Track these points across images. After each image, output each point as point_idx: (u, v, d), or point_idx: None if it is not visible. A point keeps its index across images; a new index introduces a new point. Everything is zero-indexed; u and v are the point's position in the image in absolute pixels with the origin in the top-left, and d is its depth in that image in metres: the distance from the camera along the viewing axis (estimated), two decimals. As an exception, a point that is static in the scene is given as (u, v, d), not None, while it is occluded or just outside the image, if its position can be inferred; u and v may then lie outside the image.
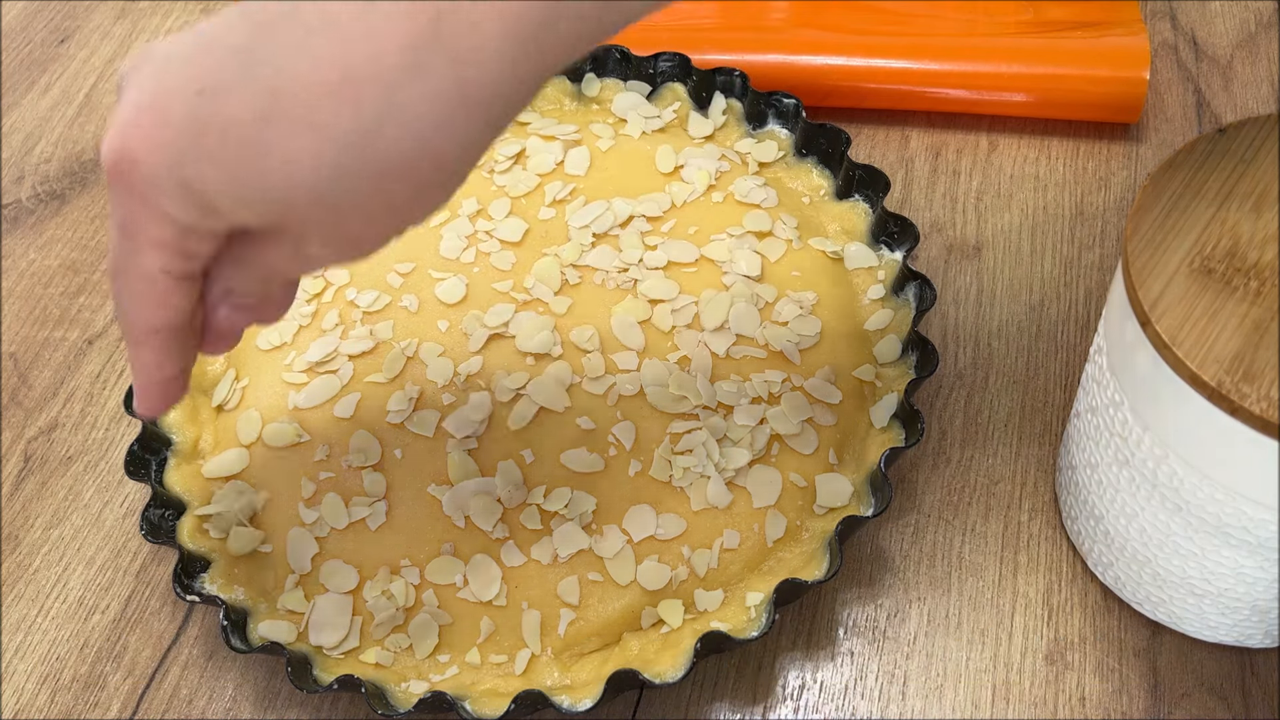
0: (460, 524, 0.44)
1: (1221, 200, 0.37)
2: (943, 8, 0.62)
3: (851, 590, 0.46)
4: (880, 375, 0.48)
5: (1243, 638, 0.42)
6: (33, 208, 0.61)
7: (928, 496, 0.48)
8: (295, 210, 0.30)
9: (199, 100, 0.29)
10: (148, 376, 0.35)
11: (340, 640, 0.42)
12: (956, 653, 0.44)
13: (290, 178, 0.29)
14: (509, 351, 0.47)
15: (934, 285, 0.48)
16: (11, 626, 0.47)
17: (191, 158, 0.29)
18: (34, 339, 0.55)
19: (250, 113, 0.29)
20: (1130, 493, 0.40)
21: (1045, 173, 0.58)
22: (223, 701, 0.44)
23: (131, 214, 0.31)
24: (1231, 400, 0.33)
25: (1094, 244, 0.55)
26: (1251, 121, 0.39)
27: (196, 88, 0.29)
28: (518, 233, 0.51)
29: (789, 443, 0.45)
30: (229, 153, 0.29)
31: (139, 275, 0.32)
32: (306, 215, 0.30)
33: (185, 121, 0.29)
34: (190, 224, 0.31)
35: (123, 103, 0.31)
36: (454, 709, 0.40)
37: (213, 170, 0.29)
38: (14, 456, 0.51)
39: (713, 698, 0.43)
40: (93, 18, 0.70)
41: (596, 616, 0.42)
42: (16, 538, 0.49)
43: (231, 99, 0.29)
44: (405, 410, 0.46)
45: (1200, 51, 0.62)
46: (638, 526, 0.43)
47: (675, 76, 0.56)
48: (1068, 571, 0.45)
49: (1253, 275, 0.35)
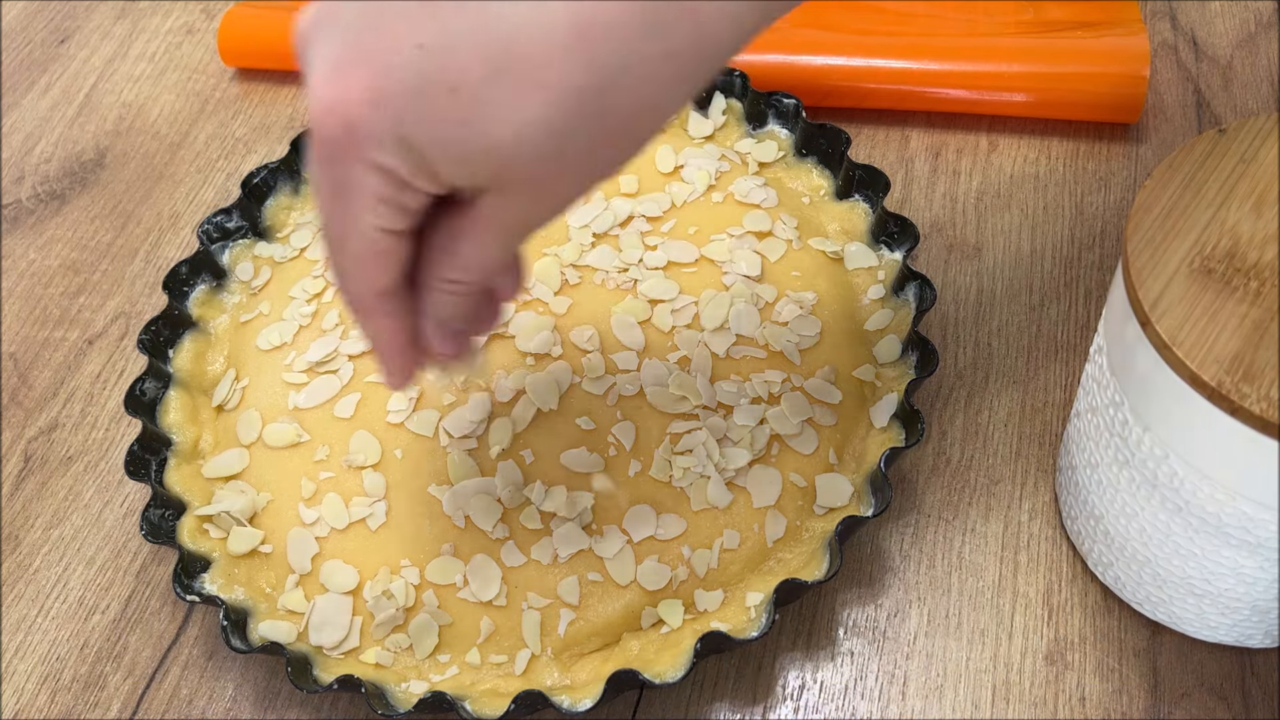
0: (460, 524, 0.44)
1: (1221, 200, 0.37)
2: (943, 8, 0.62)
3: (851, 590, 0.46)
4: (880, 375, 0.48)
5: (1243, 638, 0.42)
6: (33, 208, 0.61)
7: (928, 496, 0.48)
8: (516, 169, 0.30)
9: (421, 55, 0.28)
10: (388, 344, 0.35)
11: (340, 640, 0.42)
12: (956, 653, 0.44)
13: (518, 136, 0.29)
14: (509, 351, 0.47)
15: (934, 285, 0.48)
16: (11, 626, 0.47)
17: (414, 115, 0.29)
18: (34, 339, 0.55)
19: (480, 69, 0.28)
20: (1130, 493, 0.40)
21: (1045, 173, 0.58)
22: (223, 701, 0.44)
23: (346, 175, 0.30)
24: (1231, 400, 0.33)
25: (1094, 244, 0.55)
26: (1251, 121, 0.39)
27: (417, 41, 0.28)
28: (518, 233, 0.51)
29: (789, 443, 0.45)
30: (457, 111, 0.28)
31: (359, 236, 0.32)
32: (527, 173, 0.30)
33: (408, 77, 0.28)
34: (408, 179, 0.30)
35: (321, 60, 0.30)
36: (454, 709, 0.40)
37: (437, 129, 0.29)
38: (14, 456, 0.51)
39: (713, 698, 0.43)
40: (93, 18, 0.70)
41: (596, 616, 0.42)
42: (16, 538, 0.49)
43: (459, 55, 0.28)
44: (405, 410, 0.46)
45: (1200, 51, 0.62)
46: (638, 527, 0.43)
47: (675, 76, 0.56)
48: (1068, 571, 0.45)
49: (1253, 275, 0.35)
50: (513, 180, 0.30)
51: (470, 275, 0.34)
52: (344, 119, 0.29)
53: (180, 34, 0.69)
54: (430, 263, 0.34)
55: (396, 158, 0.30)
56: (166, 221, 0.60)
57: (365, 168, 0.30)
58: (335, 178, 0.31)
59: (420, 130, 0.29)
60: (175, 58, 0.67)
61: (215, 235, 0.53)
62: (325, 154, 0.30)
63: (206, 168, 0.62)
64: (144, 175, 0.62)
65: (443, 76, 0.28)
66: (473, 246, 0.33)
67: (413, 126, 0.29)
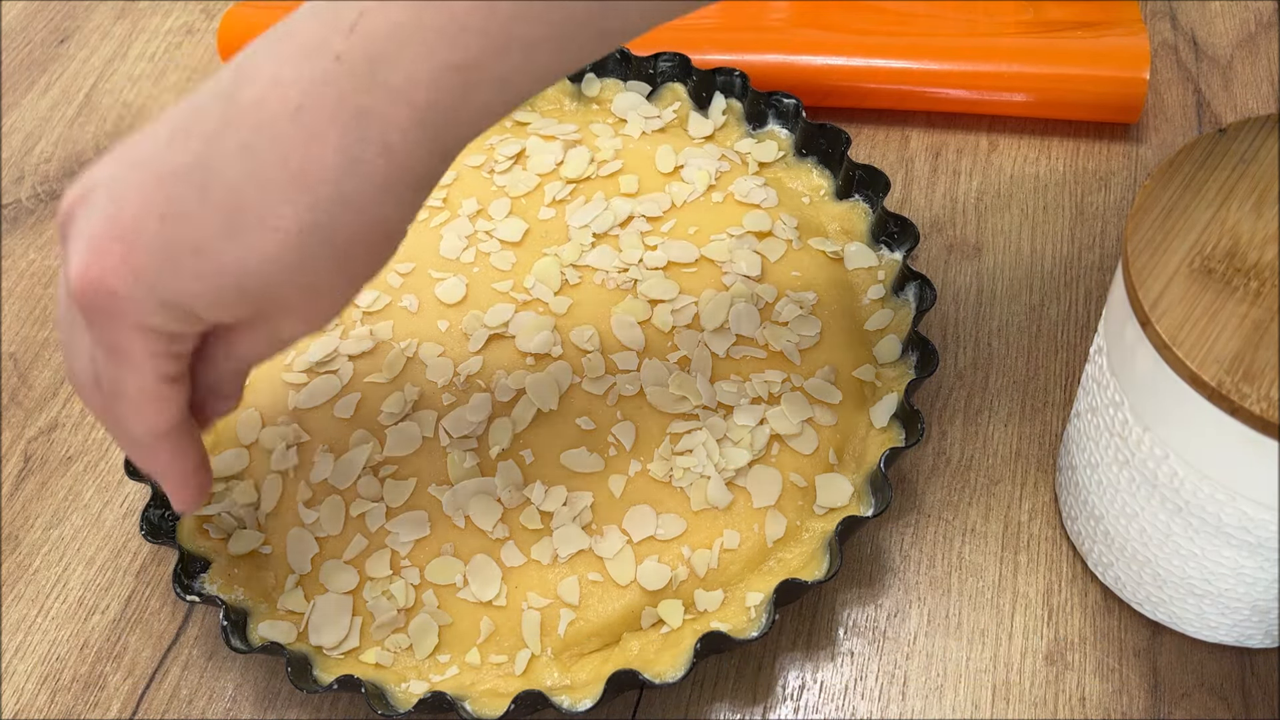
0: (460, 524, 0.44)
1: (1221, 200, 0.37)
2: (943, 8, 0.62)
3: (851, 590, 0.46)
4: (880, 375, 0.48)
5: (1243, 638, 0.42)
6: (33, 208, 0.61)
7: (928, 496, 0.48)
8: (271, 300, 0.33)
9: (163, 226, 0.32)
10: (177, 476, 0.38)
11: (340, 640, 0.42)
12: (956, 653, 0.44)
13: (264, 275, 0.32)
14: (509, 351, 0.47)
15: (934, 285, 0.48)
16: (11, 626, 0.47)
17: (168, 278, 0.32)
18: (34, 339, 0.55)
19: (216, 229, 0.32)
20: (1130, 493, 0.40)
21: (1045, 173, 0.58)
22: (223, 701, 0.44)
23: (117, 339, 0.33)
24: (1231, 400, 0.33)
25: (1094, 244, 0.55)
26: (1251, 121, 0.39)
27: (159, 213, 0.32)
28: (518, 233, 0.51)
29: (789, 443, 0.45)
30: (204, 266, 0.32)
31: (138, 391, 0.35)
32: (282, 302, 0.33)
33: (155, 247, 0.32)
34: (176, 332, 0.34)
35: (78, 235, 0.33)
36: (454, 709, 0.40)
37: (192, 284, 0.32)
38: (14, 456, 0.51)
39: (713, 698, 0.43)
40: (93, 18, 0.70)
41: (596, 616, 0.42)
42: (16, 538, 0.49)
43: (195, 220, 0.32)
44: (405, 410, 0.46)
45: (1200, 51, 0.62)
46: (638, 526, 0.43)
47: (675, 76, 0.56)
48: (1068, 571, 0.45)
49: (1253, 275, 0.35)
50: (272, 310, 0.34)
51: (239, 365, 0.37)
52: (105, 290, 0.32)
53: (180, 34, 0.69)
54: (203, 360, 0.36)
55: (161, 316, 0.33)
56: (166, 221, 0.60)
57: (135, 330, 0.33)
58: (107, 341, 0.34)
59: (177, 289, 0.32)
60: (175, 58, 0.67)
61: (215, 235, 0.53)
62: (93, 321, 0.33)
63: (206, 168, 0.62)
64: (144, 175, 0.62)
65: (185, 242, 0.32)
66: (243, 346, 0.36)
67: (171, 287, 0.32)
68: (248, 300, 0.33)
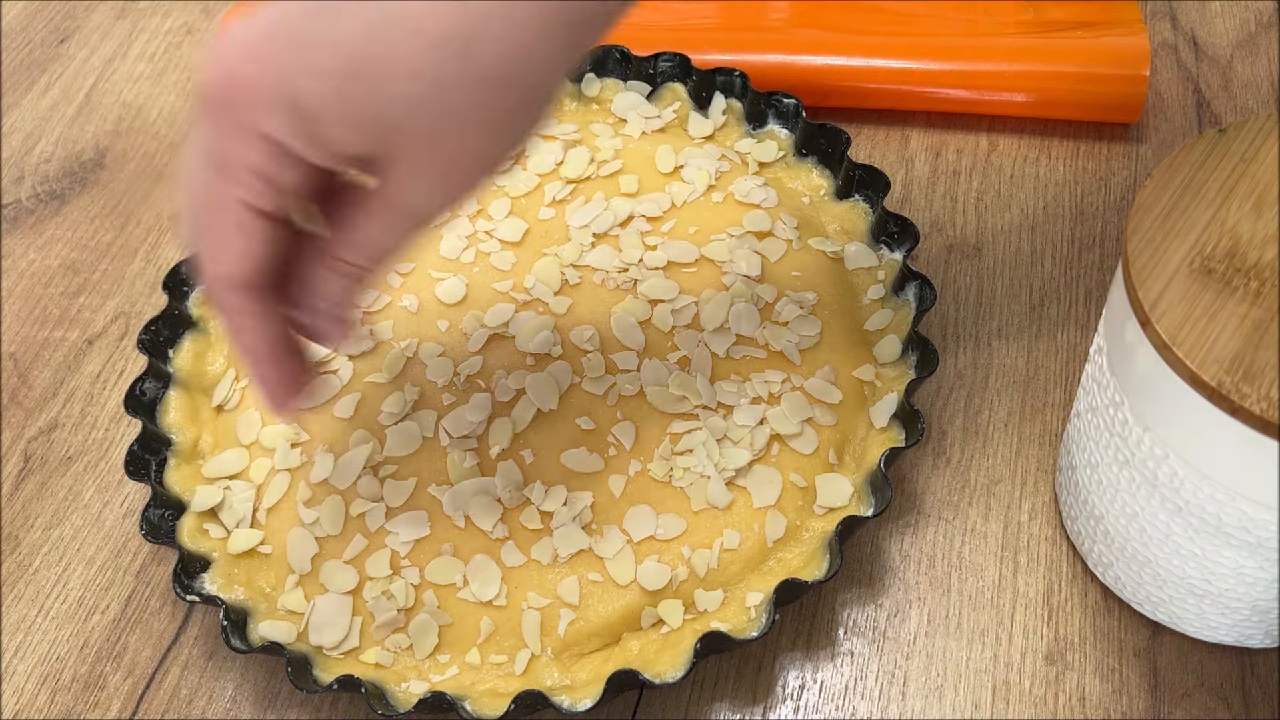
0: (460, 524, 0.44)
1: (1221, 200, 0.37)
2: (943, 8, 0.62)
3: (851, 590, 0.46)
4: (880, 375, 0.48)
5: (1243, 638, 0.42)
6: (33, 208, 0.61)
7: (928, 496, 0.48)
8: (397, 125, 0.30)
9: (305, 20, 0.30)
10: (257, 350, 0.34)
11: (340, 640, 0.42)
12: (956, 653, 0.44)
13: (394, 85, 0.30)
14: (509, 351, 0.47)
15: (934, 285, 0.48)
16: (11, 626, 0.47)
17: (299, 71, 0.30)
18: (34, 339, 0.55)
19: (358, 27, 0.29)
20: (1130, 493, 0.40)
21: (1045, 173, 0.58)
22: (223, 701, 0.44)
23: (227, 141, 0.31)
24: (1231, 400, 0.33)
25: (1094, 244, 0.55)
26: (1251, 121, 0.39)
27: (306, 10, 0.30)
28: (518, 233, 0.51)
29: (789, 443, 0.45)
30: (337, 64, 0.29)
31: (225, 212, 0.32)
32: (407, 129, 0.30)
33: (294, 39, 0.30)
34: (289, 144, 0.31)
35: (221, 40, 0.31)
36: (454, 709, 0.40)
37: (321, 83, 0.30)
38: (14, 456, 0.51)
39: (713, 698, 0.43)
40: (93, 18, 0.70)
41: (596, 616, 0.42)
42: (16, 538, 0.49)
43: (342, 16, 0.30)
44: (405, 410, 0.46)
45: (1200, 51, 0.62)
46: (638, 526, 0.43)
47: (675, 76, 0.56)
48: (1068, 571, 0.45)
49: (1253, 275, 0.35)
50: (406, 142, 0.31)
51: (361, 256, 0.33)
52: (234, 79, 0.30)
53: (180, 34, 0.69)
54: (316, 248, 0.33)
55: (282, 118, 0.30)
56: (166, 221, 0.60)
57: (249, 137, 0.30)
58: (213, 149, 0.31)
59: (306, 86, 0.30)
60: (175, 58, 0.67)
61: (215, 235, 0.53)
62: (214, 118, 0.31)
63: (206, 168, 0.62)
64: (144, 175, 0.62)
65: (325, 36, 0.30)
66: (368, 226, 0.33)
67: (300, 82, 0.30)
68: (374, 112, 0.30)
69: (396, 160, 0.31)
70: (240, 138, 0.31)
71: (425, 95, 0.30)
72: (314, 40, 0.30)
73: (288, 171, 0.31)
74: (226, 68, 0.30)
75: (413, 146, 0.31)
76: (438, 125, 0.31)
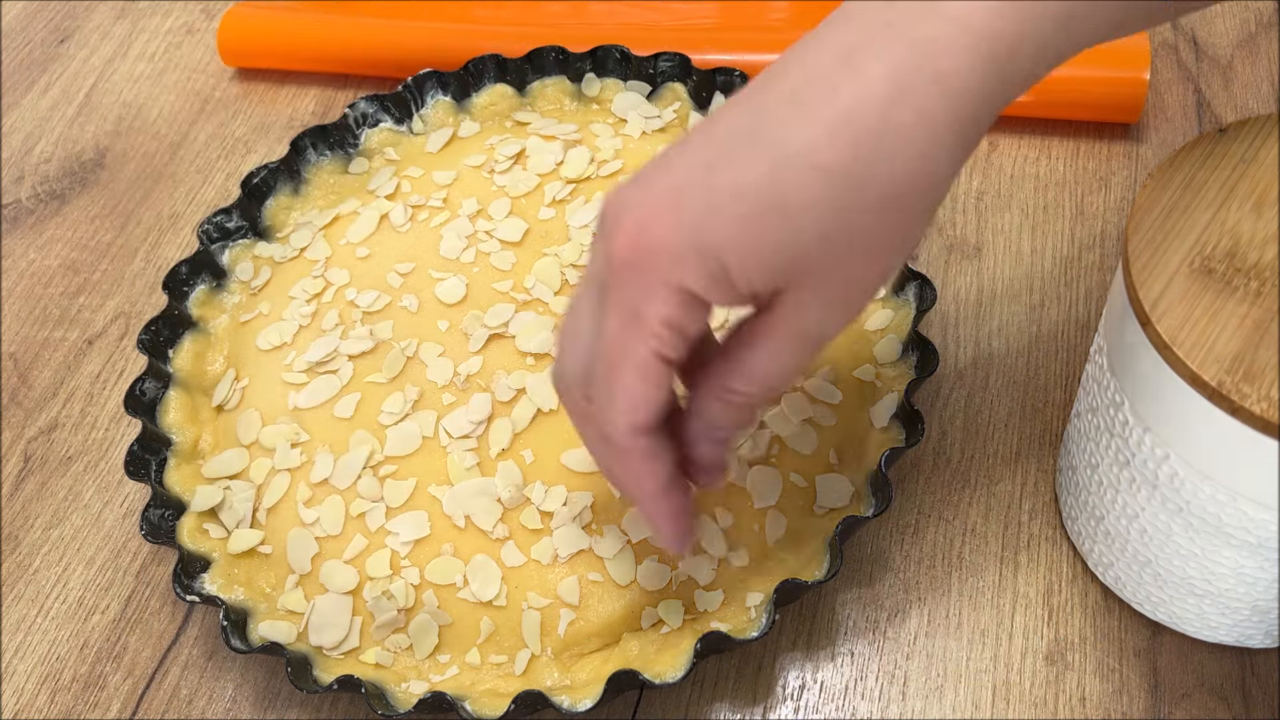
0: (460, 524, 0.44)
1: (1221, 200, 0.37)
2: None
3: (851, 590, 0.46)
4: (880, 375, 0.48)
5: (1243, 638, 0.42)
6: (33, 208, 0.61)
7: (928, 496, 0.48)
8: (805, 256, 0.31)
9: (708, 174, 0.31)
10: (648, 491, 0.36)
11: (340, 640, 0.42)
12: (956, 653, 0.44)
13: (801, 219, 0.31)
14: (509, 351, 0.47)
15: (934, 285, 0.48)
16: (11, 626, 0.47)
17: (708, 223, 0.31)
18: (34, 339, 0.55)
19: (759, 172, 0.31)
20: (1130, 493, 0.40)
21: (1045, 173, 0.58)
22: (223, 701, 0.44)
23: (641, 297, 0.32)
24: (1231, 400, 0.33)
25: (1094, 244, 0.55)
26: (1251, 121, 0.39)
27: (705, 163, 0.32)
28: (518, 233, 0.51)
29: (789, 443, 0.45)
30: (745, 210, 0.31)
31: (633, 362, 0.33)
32: (814, 259, 0.32)
33: (700, 194, 0.31)
34: (703, 293, 0.32)
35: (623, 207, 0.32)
36: (454, 709, 0.40)
37: (734, 230, 0.31)
38: (14, 456, 0.51)
39: (713, 698, 0.43)
40: (93, 18, 0.70)
41: (596, 616, 0.42)
42: (16, 538, 0.49)
43: (740, 165, 0.31)
44: (405, 410, 0.46)
45: (1200, 51, 0.62)
46: (637, 527, 0.43)
47: (675, 76, 0.56)
48: (1068, 571, 0.45)
49: (1253, 275, 0.35)
50: (807, 272, 0.32)
51: (755, 385, 0.34)
52: (646, 244, 0.32)
53: (180, 34, 0.69)
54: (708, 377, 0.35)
55: (701, 273, 0.31)
56: (166, 221, 0.60)
57: (666, 291, 0.32)
58: (627, 303, 0.33)
59: (715, 236, 0.31)
60: (175, 58, 0.67)
61: (215, 235, 0.53)
62: (623, 281, 0.32)
63: (206, 168, 0.62)
64: (144, 175, 0.62)
65: (728, 186, 0.31)
66: (765, 354, 0.34)
67: (709, 234, 0.31)
68: (782, 252, 0.31)
69: (800, 289, 0.32)
70: (657, 292, 0.32)
71: (830, 226, 0.31)
72: (720, 190, 0.31)
73: (696, 319, 0.33)
74: (637, 227, 0.32)
75: (818, 274, 0.32)
76: (843, 252, 0.32)
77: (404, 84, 0.56)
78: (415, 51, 0.62)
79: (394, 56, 0.63)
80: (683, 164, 0.32)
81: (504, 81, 0.57)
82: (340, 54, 0.64)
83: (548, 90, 0.57)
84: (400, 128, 0.57)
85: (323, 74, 0.65)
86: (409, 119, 0.57)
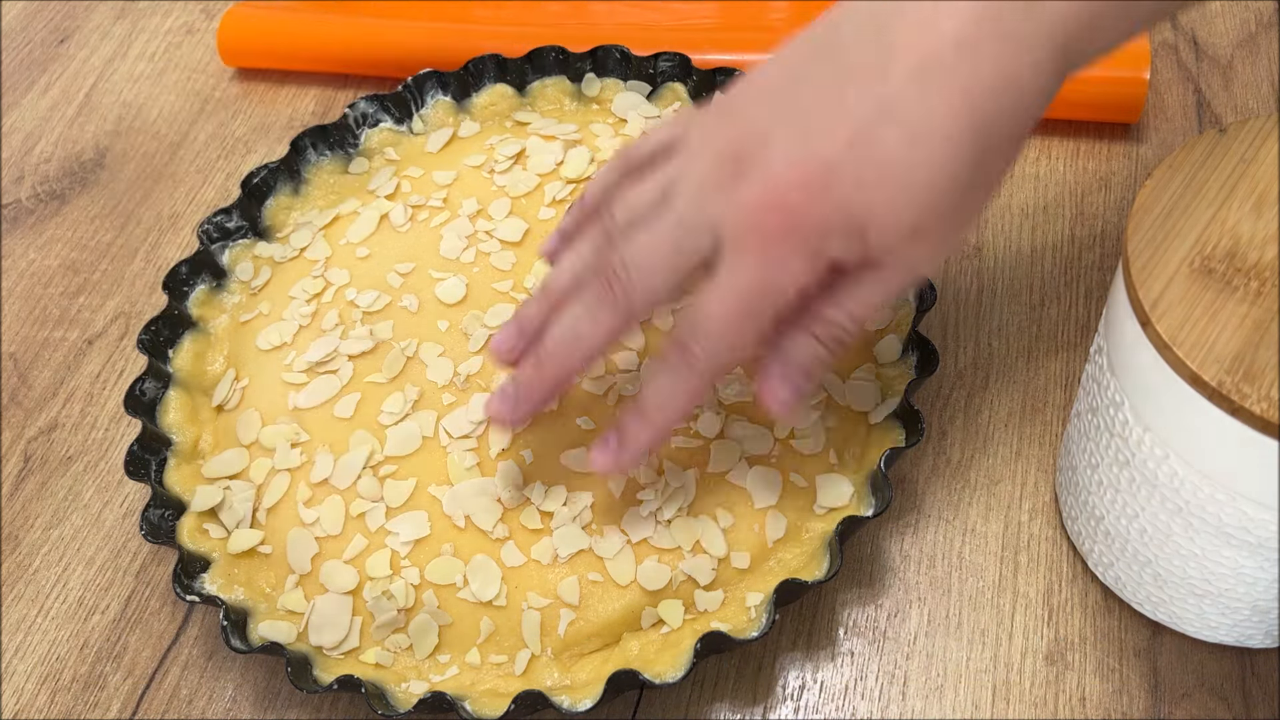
0: (460, 524, 0.44)
1: (1221, 200, 0.37)
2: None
3: (851, 590, 0.46)
4: (880, 375, 0.48)
5: (1243, 638, 0.42)
6: (33, 208, 0.61)
7: (928, 496, 0.48)
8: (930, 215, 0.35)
9: (851, 149, 0.35)
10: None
11: (340, 640, 0.42)
12: (956, 653, 0.44)
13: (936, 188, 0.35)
14: (509, 351, 0.47)
15: (934, 285, 0.48)
16: (11, 626, 0.47)
17: (856, 198, 0.35)
18: (34, 339, 0.55)
19: (899, 145, 0.34)
20: (1130, 493, 0.40)
21: (1045, 173, 0.58)
22: (223, 701, 0.44)
23: (781, 264, 0.36)
24: (1232, 400, 0.33)
25: (1094, 244, 0.55)
26: (1251, 121, 0.39)
27: (847, 140, 0.35)
28: (518, 233, 0.51)
29: (789, 443, 0.45)
30: (888, 176, 0.35)
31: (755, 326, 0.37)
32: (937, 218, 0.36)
33: (846, 171, 0.35)
34: (838, 255, 0.36)
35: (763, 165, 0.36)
36: (454, 709, 0.40)
37: (873, 202, 0.35)
38: (14, 456, 0.51)
39: (713, 698, 0.43)
40: (93, 18, 0.70)
41: (596, 616, 0.42)
42: (16, 538, 0.49)
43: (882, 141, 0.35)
44: (405, 410, 0.46)
45: (1200, 51, 0.62)
46: (637, 527, 0.43)
47: (675, 76, 0.56)
48: (1068, 571, 0.45)
49: (1253, 275, 0.35)
50: (925, 230, 0.36)
51: (848, 316, 0.38)
52: (788, 209, 0.35)
53: (180, 34, 0.69)
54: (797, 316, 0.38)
55: (842, 242, 0.35)
56: (166, 221, 0.60)
57: (810, 258, 0.36)
58: (766, 270, 0.36)
59: (861, 201, 0.35)
60: (175, 58, 0.67)
61: (215, 235, 0.53)
62: (764, 247, 0.36)
63: (206, 168, 0.62)
64: (144, 175, 0.62)
65: (873, 159, 0.35)
66: (867, 289, 0.37)
67: (857, 208, 0.35)
68: (919, 216, 0.35)
69: (912, 239, 0.36)
70: (801, 259, 0.36)
71: (960, 186, 0.35)
72: (864, 162, 0.35)
73: (815, 275, 0.36)
74: (778, 199, 0.35)
75: (929, 231, 0.36)
76: (962, 202, 0.36)
77: (404, 84, 0.56)
78: (415, 51, 0.62)
79: (394, 56, 0.63)
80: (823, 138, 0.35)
81: (504, 81, 0.57)
82: (340, 54, 0.64)
83: (548, 90, 0.57)
84: (400, 128, 0.57)
85: (323, 74, 0.65)
86: (409, 119, 0.57)
